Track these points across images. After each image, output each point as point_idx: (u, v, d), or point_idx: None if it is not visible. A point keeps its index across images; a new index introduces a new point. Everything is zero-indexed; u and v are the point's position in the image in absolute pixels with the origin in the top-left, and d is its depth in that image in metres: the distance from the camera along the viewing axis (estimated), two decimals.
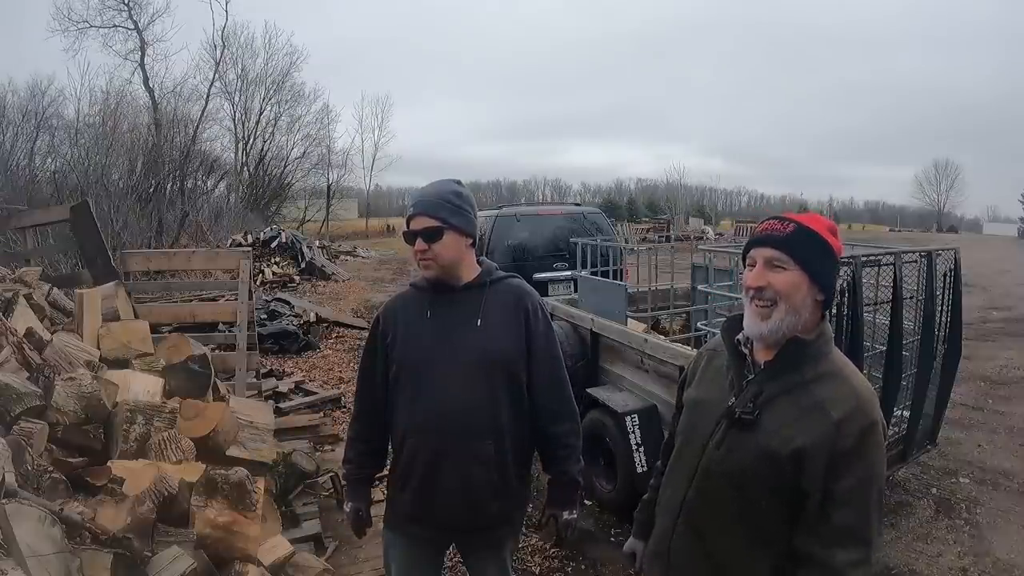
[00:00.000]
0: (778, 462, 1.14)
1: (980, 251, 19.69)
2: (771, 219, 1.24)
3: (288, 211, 32.02)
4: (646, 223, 35.53)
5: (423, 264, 1.66)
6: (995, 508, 3.52)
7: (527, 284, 1.79)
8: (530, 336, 1.68)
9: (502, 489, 1.66)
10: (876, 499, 1.13)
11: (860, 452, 1.11)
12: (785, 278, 1.16)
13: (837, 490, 1.10)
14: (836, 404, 1.13)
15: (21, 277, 3.65)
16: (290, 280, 13.28)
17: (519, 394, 1.68)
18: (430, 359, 1.65)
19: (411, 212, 1.65)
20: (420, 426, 1.65)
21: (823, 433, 1.11)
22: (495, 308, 1.67)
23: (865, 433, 1.11)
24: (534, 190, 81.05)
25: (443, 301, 1.69)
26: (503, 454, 1.65)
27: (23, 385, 2.23)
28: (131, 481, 2.05)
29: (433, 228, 1.62)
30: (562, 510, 1.74)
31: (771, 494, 1.16)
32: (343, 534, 3.05)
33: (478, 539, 1.74)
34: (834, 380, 1.17)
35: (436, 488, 1.64)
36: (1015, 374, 6.14)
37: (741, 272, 1.33)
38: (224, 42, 28.40)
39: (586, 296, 4.39)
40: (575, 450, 1.74)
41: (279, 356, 6.94)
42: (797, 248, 1.17)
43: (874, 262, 2.91)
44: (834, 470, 1.10)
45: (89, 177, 14.08)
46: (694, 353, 3.08)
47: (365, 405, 1.80)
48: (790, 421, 1.15)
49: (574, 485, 1.74)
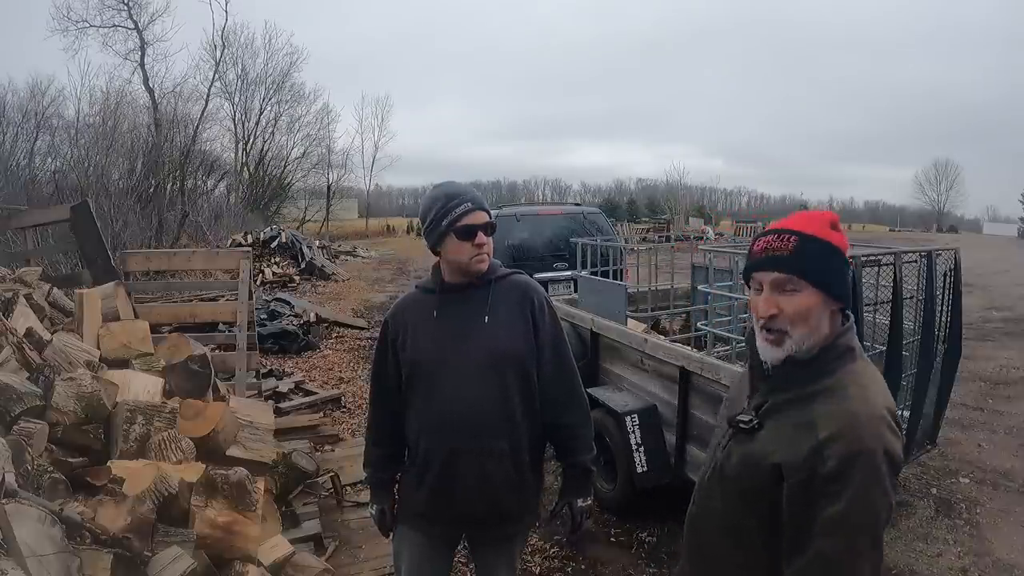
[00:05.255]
0: (758, 473, 1.07)
1: (980, 251, 19.69)
2: (768, 234, 1.11)
3: (288, 211, 31.99)
4: (646, 223, 35.50)
5: (479, 259, 1.63)
6: (995, 508, 3.52)
7: (532, 279, 1.79)
8: (537, 330, 1.69)
9: (518, 483, 1.69)
10: (863, 542, 0.97)
11: (844, 481, 0.96)
12: (797, 302, 1.06)
13: (814, 518, 0.98)
14: (825, 423, 1.01)
15: (21, 277, 3.65)
16: (290, 280, 13.27)
17: (530, 389, 1.69)
18: (441, 359, 1.66)
19: (467, 207, 1.60)
20: (434, 426, 1.67)
21: (804, 452, 1.01)
22: (502, 305, 1.68)
23: (852, 460, 0.97)
24: (534, 190, 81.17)
25: (450, 300, 1.69)
26: (518, 449, 1.67)
27: (23, 385, 2.23)
28: (131, 481, 2.04)
29: (490, 223, 1.64)
30: (576, 498, 1.77)
31: (752, 505, 1.09)
32: (343, 534, 3.05)
33: (491, 532, 1.76)
34: (834, 397, 1.05)
35: (453, 486, 1.66)
36: (1015, 374, 6.14)
37: (742, 283, 1.25)
38: (224, 42, 28.37)
39: (586, 296, 4.38)
40: (586, 440, 1.77)
41: (279, 356, 6.94)
42: (804, 266, 1.05)
43: (874, 262, 2.91)
44: (812, 495, 0.99)
45: (89, 177, 14.11)
46: (694, 353, 3.11)
47: (380, 409, 1.83)
48: (781, 434, 1.06)
49: (587, 473, 1.78)
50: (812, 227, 1.09)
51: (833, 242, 1.08)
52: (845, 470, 0.97)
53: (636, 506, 3.37)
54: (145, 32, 25.01)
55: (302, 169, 32.83)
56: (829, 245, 1.08)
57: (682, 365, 3.07)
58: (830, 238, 1.08)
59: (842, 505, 0.96)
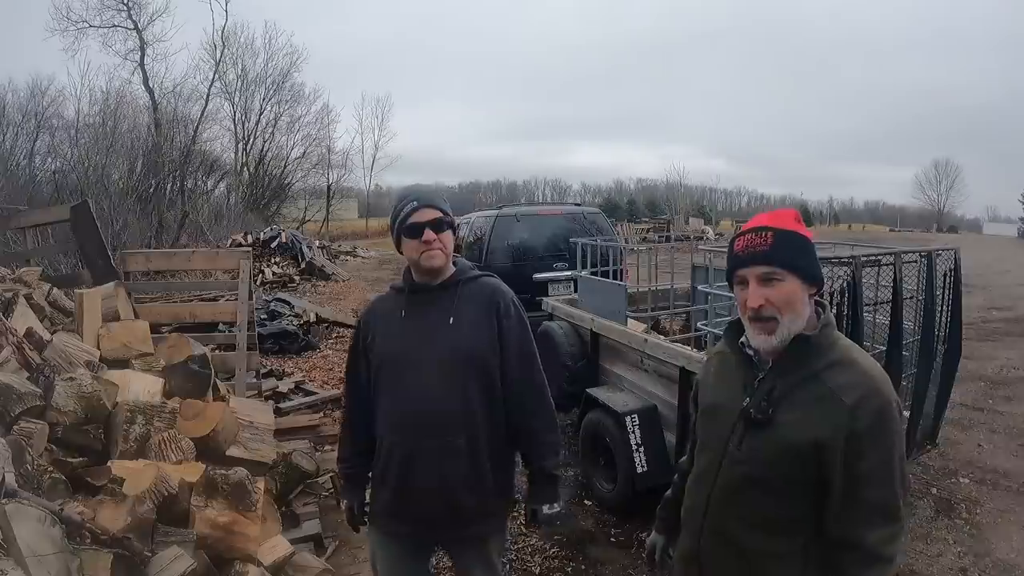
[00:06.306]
0: (799, 453, 1.16)
1: (980, 251, 19.71)
2: (746, 233, 1.24)
3: (288, 211, 31.99)
4: (646, 223, 35.48)
5: (431, 254, 1.66)
6: (995, 508, 3.52)
7: (502, 283, 1.82)
8: (502, 333, 1.71)
9: (476, 484, 1.69)
10: (899, 473, 1.15)
11: (877, 431, 1.12)
12: (782, 290, 1.18)
13: (859, 472, 1.12)
14: (848, 390, 1.14)
15: (21, 277, 3.65)
16: (290, 280, 13.27)
17: (492, 390, 1.71)
18: (405, 357, 1.69)
19: (412, 206, 1.65)
20: (396, 424, 1.70)
21: (839, 420, 1.13)
22: (468, 306, 1.70)
23: (880, 413, 1.13)
24: (534, 190, 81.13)
25: (418, 301, 1.72)
26: (476, 449, 1.68)
27: (23, 385, 2.23)
28: (131, 481, 2.04)
29: (439, 219, 1.66)
30: (541, 504, 1.76)
31: (794, 485, 1.18)
32: (343, 534, 3.05)
33: (460, 536, 1.77)
34: (844, 367, 1.18)
35: (412, 485, 1.68)
36: (1015, 374, 6.14)
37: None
38: (224, 42, 28.31)
39: (586, 296, 4.38)
40: (552, 446, 1.76)
41: (279, 356, 6.93)
42: (783, 256, 1.18)
43: (874, 262, 2.91)
44: (854, 453, 1.12)
45: (89, 177, 14.09)
46: (694, 353, 3.10)
47: (353, 406, 1.86)
48: (806, 412, 1.16)
49: (553, 480, 1.77)
50: (783, 222, 1.23)
51: (803, 235, 1.23)
52: (875, 424, 1.13)
53: (636, 506, 3.37)
54: (145, 32, 24.97)
55: (302, 169, 32.86)
56: (800, 236, 1.22)
57: (682, 365, 3.06)
58: (800, 231, 1.23)
59: (881, 451, 1.13)
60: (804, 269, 1.20)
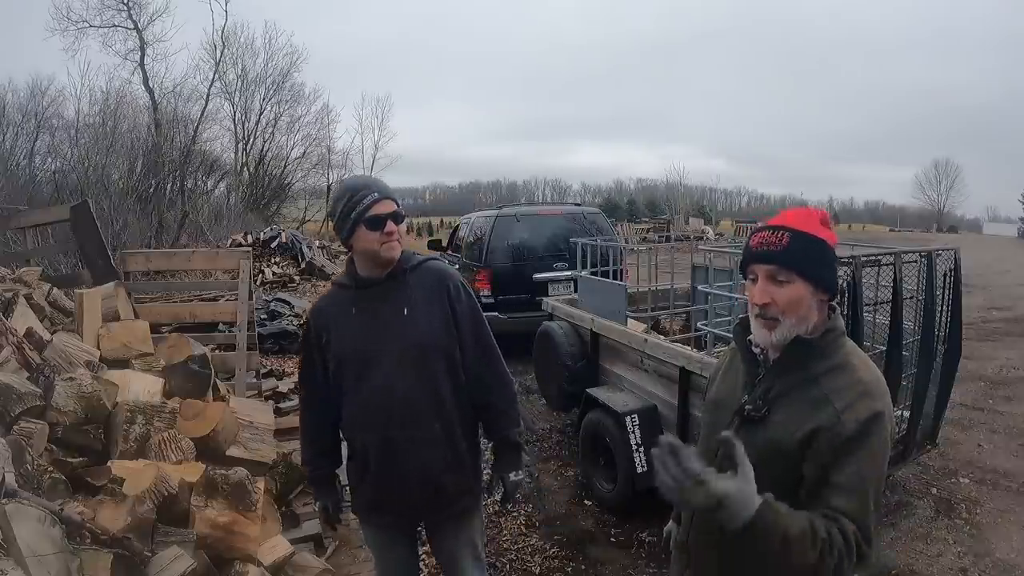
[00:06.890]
0: (785, 452, 1.16)
1: (980, 251, 19.70)
2: (764, 229, 1.22)
3: (288, 211, 31.97)
4: (646, 223, 35.48)
5: (392, 245, 1.66)
6: (995, 508, 3.51)
7: (446, 264, 1.86)
8: (456, 316, 1.74)
9: (455, 464, 1.75)
10: (874, 489, 1.12)
11: (860, 439, 1.11)
12: (788, 292, 1.17)
13: (834, 475, 1.11)
14: (840, 394, 1.14)
15: (21, 277, 3.66)
16: (290, 280, 13.26)
17: (457, 373, 1.74)
18: (365, 353, 1.69)
19: (374, 198, 1.63)
20: (367, 420, 1.71)
21: (827, 422, 1.13)
22: (419, 294, 1.72)
23: (867, 422, 1.12)
24: (534, 190, 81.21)
25: (368, 296, 1.71)
26: (451, 434, 1.73)
27: (23, 385, 2.23)
28: (131, 481, 2.04)
29: (397, 212, 1.68)
30: (508, 472, 1.83)
31: (780, 485, 1.17)
32: (343, 534, 3.05)
33: (441, 515, 1.81)
34: (841, 372, 1.18)
35: (393, 475, 1.71)
36: (1015, 374, 6.13)
37: (742, 282, 1.33)
38: (224, 42, 28.20)
39: (586, 296, 4.38)
40: (512, 416, 1.83)
41: (279, 356, 6.93)
42: (796, 260, 1.17)
43: (874, 262, 2.90)
44: (834, 456, 1.11)
45: (89, 177, 14.08)
46: (694, 353, 3.10)
47: (311, 408, 1.86)
48: (799, 413, 1.17)
49: (516, 448, 1.86)
50: (804, 224, 1.20)
51: (824, 240, 1.19)
52: (860, 432, 1.11)
53: (636, 506, 3.36)
54: (145, 32, 24.91)
55: (302, 169, 32.77)
56: (819, 241, 1.19)
57: (682, 365, 3.06)
58: (820, 234, 1.19)
59: (860, 460, 1.11)
60: (815, 275, 1.17)
